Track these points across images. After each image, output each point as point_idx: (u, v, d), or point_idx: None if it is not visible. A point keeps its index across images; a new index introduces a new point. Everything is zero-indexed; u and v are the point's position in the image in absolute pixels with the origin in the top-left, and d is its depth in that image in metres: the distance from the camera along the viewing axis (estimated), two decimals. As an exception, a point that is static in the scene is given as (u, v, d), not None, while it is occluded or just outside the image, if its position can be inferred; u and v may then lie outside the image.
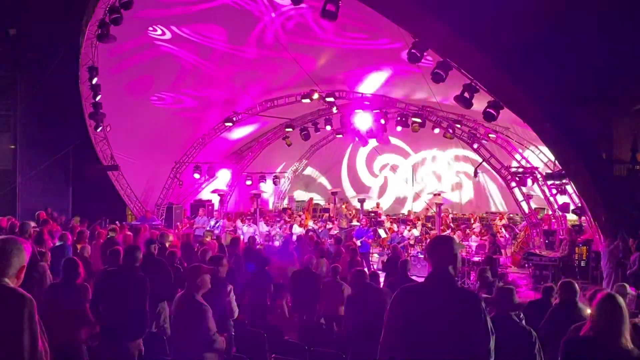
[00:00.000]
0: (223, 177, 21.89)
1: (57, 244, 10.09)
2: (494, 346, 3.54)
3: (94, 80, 14.42)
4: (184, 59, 15.23)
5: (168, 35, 13.77)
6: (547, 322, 6.04)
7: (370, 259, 16.60)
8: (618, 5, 10.64)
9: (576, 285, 6.16)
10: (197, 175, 20.96)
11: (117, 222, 16.27)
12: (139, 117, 17.62)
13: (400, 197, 26.16)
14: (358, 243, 15.57)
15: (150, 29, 13.51)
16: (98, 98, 14.84)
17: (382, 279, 10.53)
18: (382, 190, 26.79)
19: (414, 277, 10.17)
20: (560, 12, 10.63)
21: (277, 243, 16.92)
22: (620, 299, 3.76)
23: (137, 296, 5.84)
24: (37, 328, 3.25)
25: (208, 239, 13.48)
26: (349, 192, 27.15)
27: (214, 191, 21.54)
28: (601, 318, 3.71)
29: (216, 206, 22.07)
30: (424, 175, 25.56)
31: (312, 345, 6.86)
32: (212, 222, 18.62)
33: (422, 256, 16.29)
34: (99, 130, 16.31)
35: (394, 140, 24.93)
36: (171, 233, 14.90)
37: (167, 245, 10.62)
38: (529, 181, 17.25)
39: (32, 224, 10.53)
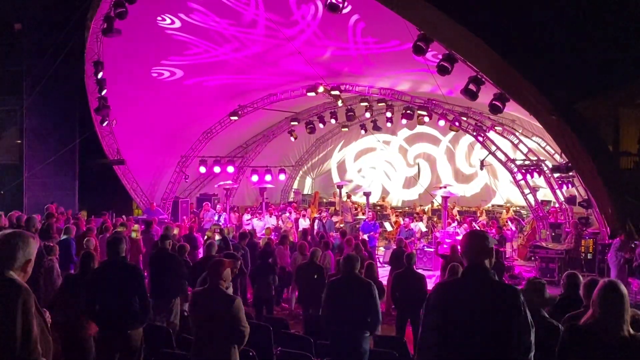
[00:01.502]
0: (228, 171, 21.88)
1: (62, 237, 10.15)
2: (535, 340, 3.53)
3: (100, 75, 14.44)
4: (195, 48, 15.14)
5: (178, 24, 13.72)
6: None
7: (376, 252, 16.59)
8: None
9: (580, 277, 6.13)
10: (203, 169, 20.98)
11: (123, 216, 16.36)
12: (145, 111, 17.65)
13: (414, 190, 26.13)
14: (365, 237, 15.56)
15: (159, 18, 13.46)
16: (104, 92, 14.86)
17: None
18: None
19: (419, 270, 10.21)
20: (567, 4, 10.58)
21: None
22: (623, 288, 3.75)
23: (132, 286, 5.82)
24: (32, 319, 3.25)
25: (210, 234, 13.50)
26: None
27: (219, 185, 21.55)
28: (603, 306, 3.70)
29: (222, 200, 22.11)
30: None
31: (318, 338, 6.88)
32: (216, 217, 18.68)
33: (430, 249, 16.31)
34: (105, 124, 16.35)
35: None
36: (176, 226, 14.96)
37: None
38: (535, 174, 17.20)
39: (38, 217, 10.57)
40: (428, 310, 3.71)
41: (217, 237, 12.59)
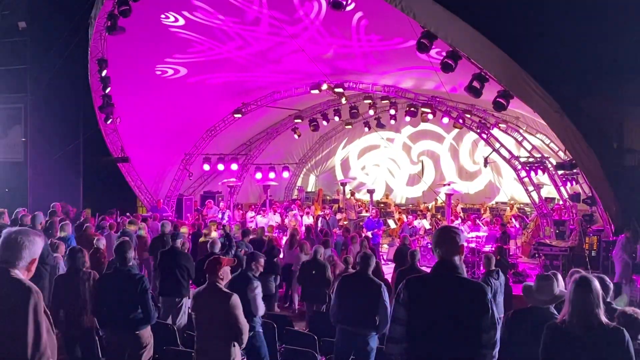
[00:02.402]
0: (232, 169, 21.89)
1: (61, 235, 10.17)
2: (500, 337, 3.56)
3: (104, 73, 14.47)
4: (199, 45, 15.14)
5: (182, 22, 13.71)
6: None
7: (380, 249, 16.61)
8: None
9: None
10: (206, 167, 21.01)
11: (127, 213, 16.40)
12: (149, 109, 17.68)
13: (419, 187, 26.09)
14: (369, 234, 15.58)
15: (163, 16, 13.46)
16: (108, 90, 14.89)
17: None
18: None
19: (423, 268, 10.22)
20: (571, 0, 10.57)
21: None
22: (594, 282, 3.79)
23: (135, 297, 5.86)
24: (42, 320, 3.27)
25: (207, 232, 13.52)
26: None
27: (223, 182, 21.58)
28: (573, 300, 3.76)
29: (226, 197, 22.15)
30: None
31: (322, 335, 6.89)
32: (219, 215, 18.72)
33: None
34: (109, 122, 16.38)
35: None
36: (183, 225, 14.97)
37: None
38: (539, 171, 17.16)
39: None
40: (397, 303, 3.74)
41: (214, 234, 12.64)
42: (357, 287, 6.24)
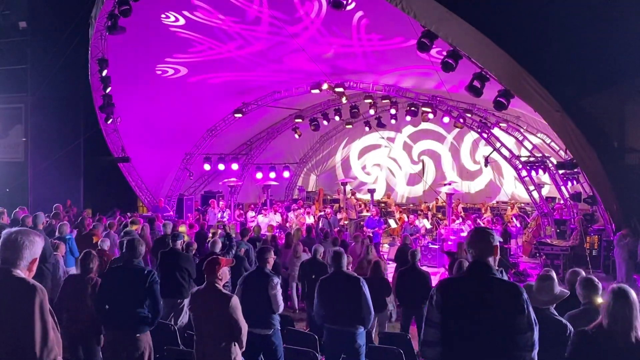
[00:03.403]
0: (233, 168, 21.88)
1: (60, 234, 10.18)
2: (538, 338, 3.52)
3: (104, 72, 14.46)
4: (199, 45, 15.14)
5: (182, 22, 13.71)
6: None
7: (380, 249, 16.61)
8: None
9: (582, 273, 6.11)
10: (207, 167, 21.00)
11: (128, 213, 16.40)
12: (150, 109, 17.69)
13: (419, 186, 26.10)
14: (370, 233, 15.57)
15: (163, 16, 13.46)
16: (108, 90, 14.89)
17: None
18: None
19: (424, 267, 10.21)
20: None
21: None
22: (633, 294, 3.77)
23: (145, 291, 5.83)
24: (48, 318, 3.29)
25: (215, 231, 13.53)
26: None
27: (224, 182, 21.58)
28: (612, 313, 3.72)
29: (227, 197, 22.16)
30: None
31: (322, 335, 6.87)
32: (219, 214, 18.74)
33: (435, 246, 16.30)
34: (109, 122, 16.39)
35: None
36: (183, 224, 14.98)
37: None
38: (540, 170, 17.16)
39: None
40: (431, 306, 3.69)
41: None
42: (337, 285, 6.28)
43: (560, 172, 16.43)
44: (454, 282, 3.90)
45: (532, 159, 17.87)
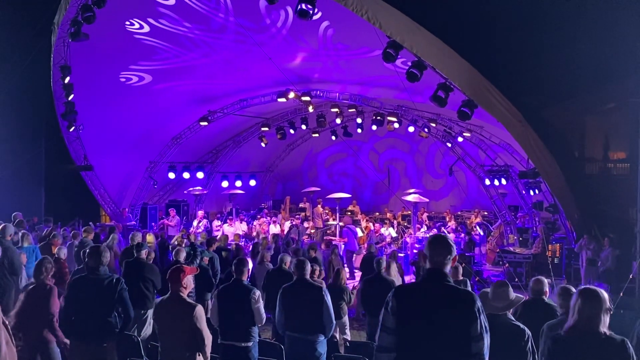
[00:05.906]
0: (198, 177, 21.70)
1: (24, 245, 9.95)
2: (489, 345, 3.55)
3: (67, 80, 14.21)
4: (164, 52, 14.99)
5: (147, 29, 13.56)
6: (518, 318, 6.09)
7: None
8: (588, 7, 10.80)
9: (545, 282, 6.23)
10: (172, 175, 20.77)
11: (90, 223, 16.09)
12: (113, 117, 17.45)
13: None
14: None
15: (127, 23, 13.30)
16: (71, 97, 14.64)
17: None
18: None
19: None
20: (533, 12, 10.77)
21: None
22: (601, 292, 3.91)
23: (114, 299, 5.73)
24: (1, 331, 3.20)
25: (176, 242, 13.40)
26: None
27: (188, 191, 21.38)
28: (581, 312, 3.85)
29: (192, 206, 21.96)
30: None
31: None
32: (195, 222, 18.54)
33: (400, 255, 16.38)
34: (71, 130, 16.10)
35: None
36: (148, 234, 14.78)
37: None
38: (503, 179, 17.44)
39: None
40: (386, 312, 3.72)
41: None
42: (299, 293, 6.32)
43: (523, 181, 16.71)
44: (409, 289, 3.94)
45: (495, 167, 18.15)
